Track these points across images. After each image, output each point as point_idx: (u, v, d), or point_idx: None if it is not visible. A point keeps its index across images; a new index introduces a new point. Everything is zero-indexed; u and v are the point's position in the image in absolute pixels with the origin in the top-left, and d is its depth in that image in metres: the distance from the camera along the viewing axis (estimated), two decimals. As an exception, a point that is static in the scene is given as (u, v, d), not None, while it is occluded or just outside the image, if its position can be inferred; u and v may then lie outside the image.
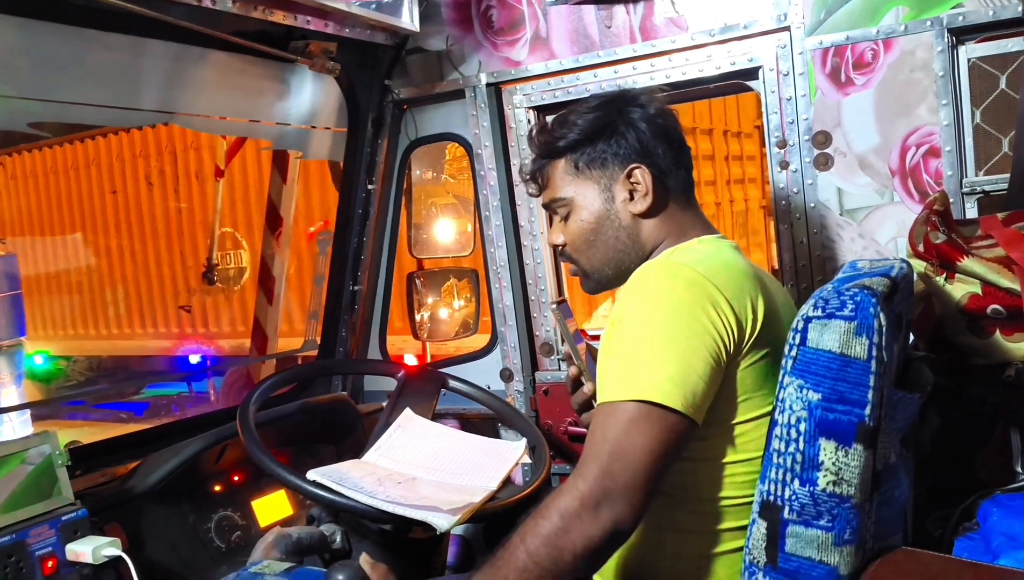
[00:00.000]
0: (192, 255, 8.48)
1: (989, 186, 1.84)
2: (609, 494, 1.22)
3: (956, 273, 1.56)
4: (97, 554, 1.59)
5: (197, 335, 8.61)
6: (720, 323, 1.29)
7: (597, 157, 1.48)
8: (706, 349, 1.27)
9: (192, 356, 8.51)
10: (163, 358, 8.86)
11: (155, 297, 8.89)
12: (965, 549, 1.37)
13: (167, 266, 8.80)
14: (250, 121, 2.71)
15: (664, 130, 1.49)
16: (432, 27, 2.34)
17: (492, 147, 2.34)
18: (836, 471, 1.18)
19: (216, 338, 8.47)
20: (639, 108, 1.49)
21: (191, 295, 8.61)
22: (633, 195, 1.48)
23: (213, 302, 8.45)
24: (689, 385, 1.25)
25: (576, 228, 1.52)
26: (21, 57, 2.02)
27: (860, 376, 1.17)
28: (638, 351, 1.28)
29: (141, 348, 8.98)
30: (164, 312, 8.85)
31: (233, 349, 8.17)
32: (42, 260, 9.43)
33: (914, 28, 1.84)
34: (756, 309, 1.34)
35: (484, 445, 2.01)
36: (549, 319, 2.39)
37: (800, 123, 1.97)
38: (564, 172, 1.51)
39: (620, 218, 1.49)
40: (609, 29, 2.13)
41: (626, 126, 1.47)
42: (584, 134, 1.48)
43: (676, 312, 1.29)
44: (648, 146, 1.47)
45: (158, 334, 8.92)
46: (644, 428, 1.24)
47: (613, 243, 1.50)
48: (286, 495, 2.19)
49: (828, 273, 1.96)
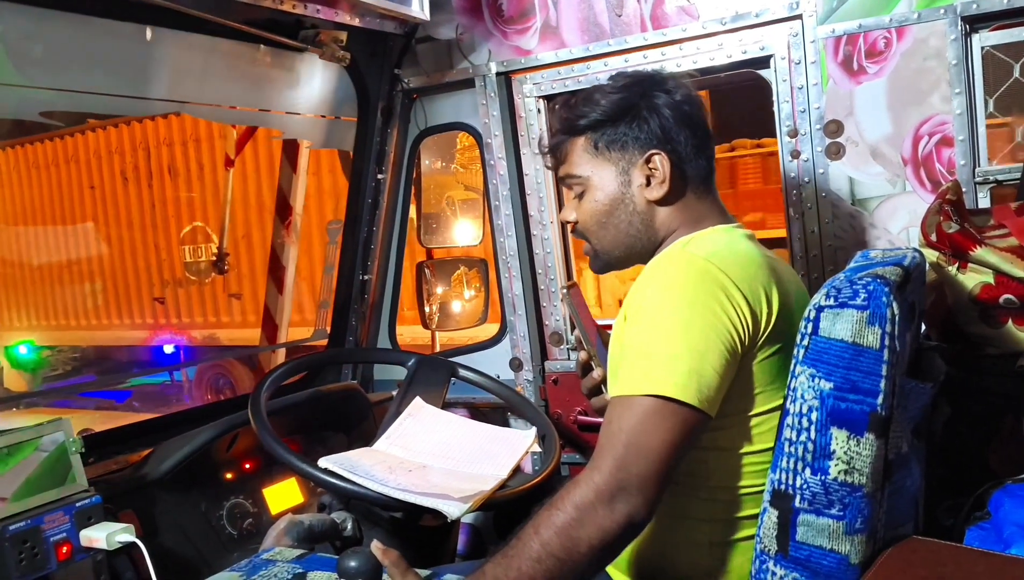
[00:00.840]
0: (165, 248, 8.81)
1: (1002, 175, 1.83)
2: (625, 487, 1.22)
3: (968, 263, 1.56)
4: (111, 540, 1.60)
5: (170, 325, 8.90)
6: (735, 315, 1.29)
7: (617, 139, 1.46)
8: (721, 342, 1.27)
9: (167, 346, 8.87)
10: (141, 348, 9.19)
11: (131, 289, 9.19)
12: (976, 538, 1.37)
13: (142, 259, 9.09)
14: (260, 110, 2.72)
15: (688, 117, 1.46)
16: (442, 16, 2.33)
17: (502, 136, 2.34)
18: (848, 460, 1.18)
19: (189, 328, 8.77)
20: (665, 93, 1.46)
21: (164, 287, 8.93)
22: (650, 181, 1.46)
23: (186, 293, 8.76)
24: (704, 379, 1.25)
25: (589, 208, 1.50)
26: (33, 46, 2.02)
27: (872, 365, 1.17)
28: (653, 344, 1.28)
29: (118, 338, 9.31)
30: (140, 303, 9.16)
31: (205, 339, 8.51)
32: (24, 253, 9.75)
33: (927, 16, 1.82)
34: (771, 301, 1.33)
35: (494, 434, 2.01)
36: (559, 309, 2.39)
37: (812, 112, 1.96)
38: (583, 150, 1.49)
39: (635, 203, 1.48)
40: (620, 18, 2.13)
41: (649, 110, 1.45)
42: (606, 115, 1.46)
43: (691, 305, 1.28)
44: (670, 133, 1.45)
45: (134, 325, 9.23)
46: (659, 422, 1.24)
47: (625, 228, 1.49)
48: (297, 483, 2.20)
49: (839, 263, 1.96)
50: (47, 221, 9.55)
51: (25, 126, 8.68)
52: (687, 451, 1.27)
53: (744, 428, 1.34)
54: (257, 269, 7.99)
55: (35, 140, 9.40)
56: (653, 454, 1.23)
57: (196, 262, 8.59)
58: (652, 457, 1.23)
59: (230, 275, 7.97)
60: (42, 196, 9.56)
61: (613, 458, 1.23)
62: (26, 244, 9.73)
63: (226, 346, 8.30)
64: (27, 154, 9.56)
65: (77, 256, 9.43)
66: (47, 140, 9.33)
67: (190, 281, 8.67)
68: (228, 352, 8.10)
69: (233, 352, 7.88)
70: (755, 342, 1.31)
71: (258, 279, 7.93)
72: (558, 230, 2.38)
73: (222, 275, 6.38)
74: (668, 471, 1.24)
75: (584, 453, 2.36)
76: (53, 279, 9.55)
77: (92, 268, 9.36)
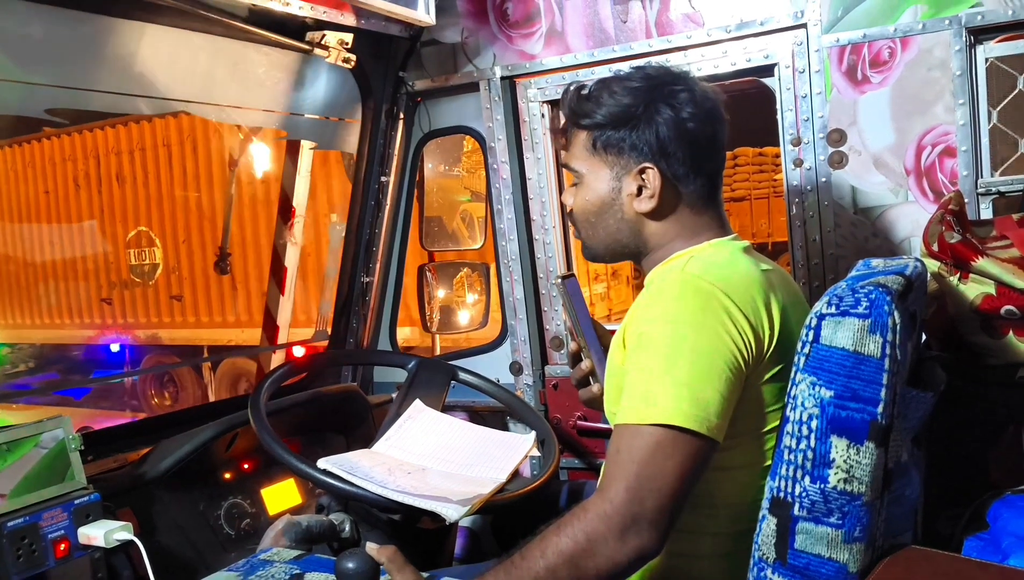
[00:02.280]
0: (112, 252, 9.34)
1: (1005, 187, 1.83)
2: (638, 520, 1.21)
3: (970, 273, 1.56)
4: (109, 538, 1.60)
5: (117, 326, 9.39)
6: (739, 338, 1.28)
7: (615, 144, 1.44)
8: (727, 366, 1.26)
9: (113, 345, 9.38)
10: (90, 346, 9.66)
11: (81, 290, 9.65)
12: (975, 549, 1.37)
13: (91, 261, 9.55)
14: (264, 110, 2.72)
15: (690, 134, 1.41)
16: (447, 19, 2.34)
17: (505, 140, 2.34)
18: (847, 469, 1.18)
19: (134, 328, 9.26)
20: (670, 107, 1.41)
21: (112, 289, 9.39)
22: (641, 191, 1.44)
23: (131, 295, 9.26)
24: (712, 406, 1.24)
25: (581, 204, 1.49)
26: (39, 43, 2.03)
27: (873, 374, 1.17)
28: (658, 371, 1.26)
29: (72, 337, 9.75)
30: (88, 304, 9.62)
31: (148, 338, 9.10)
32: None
33: (932, 27, 1.83)
34: (772, 319, 1.33)
35: (493, 437, 2.01)
36: (559, 313, 2.39)
37: (815, 121, 1.96)
38: (583, 146, 1.48)
39: (623, 210, 1.46)
40: (625, 24, 2.13)
41: (649, 122, 1.41)
42: (606, 118, 1.43)
43: (697, 330, 1.27)
44: (667, 148, 1.41)
45: (83, 324, 9.66)
46: (670, 453, 1.23)
47: (613, 232, 1.48)
48: (295, 484, 2.20)
49: (841, 271, 1.96)
50: (4, 224, 10.02)
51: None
52: (698, 480, 1.26)
53: (751, 447, 1.34)
54: (197, 272, 8.66)
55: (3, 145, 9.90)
56: (667, 487, 1.22)
57: (140, 265, 9.12)
58: (666, 491, 1.22)
59: (171, 277, 8.76)
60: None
61: (626, 489, 1.22)
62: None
63: (228, 346, 8.46)
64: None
65: (32, 258, 9.86)
66: (5, 147, 9.77)
67: (135, 283, 9.17)
68: (233, 352, 8.30)
69: (242, 352, 8.01)
70: (760, 361, 1.30)
71: (198, 282, 8.65)
72: (560, 234, 2.38)
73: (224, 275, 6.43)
74: (681, 503, 1.24)
75: (583, 458, 2.36)
76: (10, 280, 10.00)
77: (46, 270, 9.80)
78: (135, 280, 9.11)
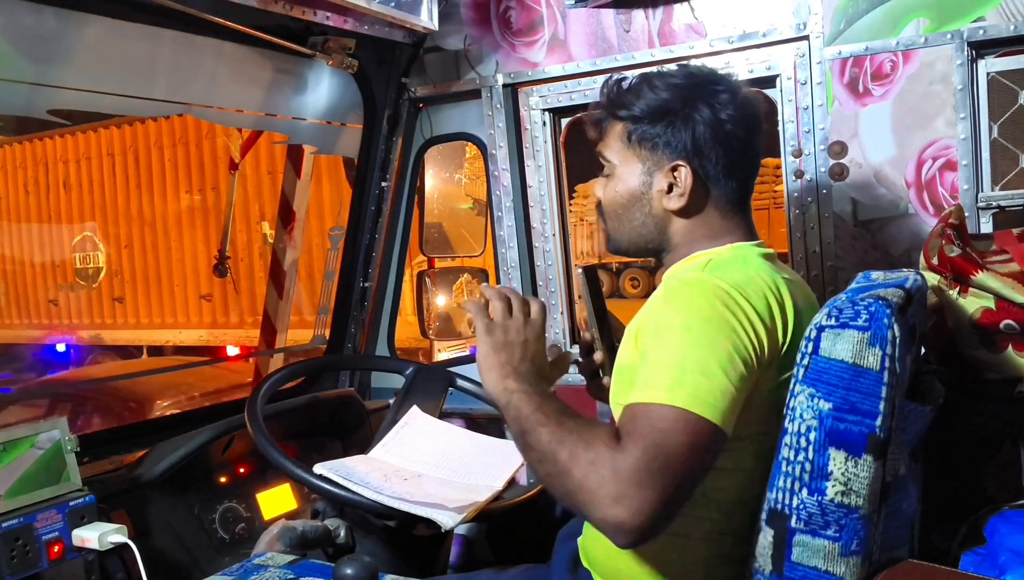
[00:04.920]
0: (59, 255, 9.85)
1: (1005, 201, 1.83)
2: (642, 486, 1.14)
3: (970, 287, 1.56)
4: (103, 540, 1.59)
5: (63, 326, 9.92)
6: (753, 337, 1.26)
7: (650, 138, 1.43)
8: (741, 362, 1.24)
9: (59, 344, 9.84)
10: (37, 345, 10.12)
11: (29, 292, 10.19)
12: (971, 564, 1.37)
13: (39, 265, 10.06)
14: (266, 115, 2.72)
15: (727, 136, 1.40)
16: (450, 26, 2.34)
17: (507, 148, 2.34)
18: (845, 481, 1.17)
19: (78, 328, 9.81)
20: (709, 107, 1.40)
21: (59, 291, 9.93)
22: (671, 189, 1.43)
23: (76, 297, 9.78)
24: (726, 400, 1.21)
25: (610, 196, 1.49)
26: (41, 44, 2.03)
27: (872, 387, 1.17)
28: (676, 360, 1.24)
29: (17, 337, 10.29)
30: (36, 305, 10.17)
31: (92, 338, 9.67)
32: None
33: (934, 40, 1.83)
34: (787, 326, 1.31)
35: (490, 445, 2.00)
36: (558, 321, 2.39)
37: (816, 132, 1.96)
38: (618, 137, 1.47)
39: (652, 206, 1.45)
40: (627, 33, 2.13)
41: (686, 120, 1.40)
42: (644, 112, 1.43)
43: (715, 327, 1.25)
44: (702, 148, 1.40)
45: (31, 324, 10.18)
46: (683, 437, 1.17)
47: (639, 226, 1.48)
48: (291, 489, 2.19)
49: (840, 283, 1.96)
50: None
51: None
52: (705, 473, 1.22)
53: (755, 449, 1.32)
54: (138, 275, 9.23)
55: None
56: (677, 467, 1.15)
57: (85, 269, 9.57)
58: (676, 469, 1.15)
59: (113, 280, 9.24)
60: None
61: (644, 450, 1.15)
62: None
63: (229, 346, 8.53)
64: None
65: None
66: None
67: (80, 285, 9.62)
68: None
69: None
70: (769, 367, 1.29)
71: (139, 284, 9.24)
72: (560, 243, 2.38)
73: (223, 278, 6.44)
74: (682, 498, 1.18)
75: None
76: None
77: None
78: (80, 283, 9.62)
